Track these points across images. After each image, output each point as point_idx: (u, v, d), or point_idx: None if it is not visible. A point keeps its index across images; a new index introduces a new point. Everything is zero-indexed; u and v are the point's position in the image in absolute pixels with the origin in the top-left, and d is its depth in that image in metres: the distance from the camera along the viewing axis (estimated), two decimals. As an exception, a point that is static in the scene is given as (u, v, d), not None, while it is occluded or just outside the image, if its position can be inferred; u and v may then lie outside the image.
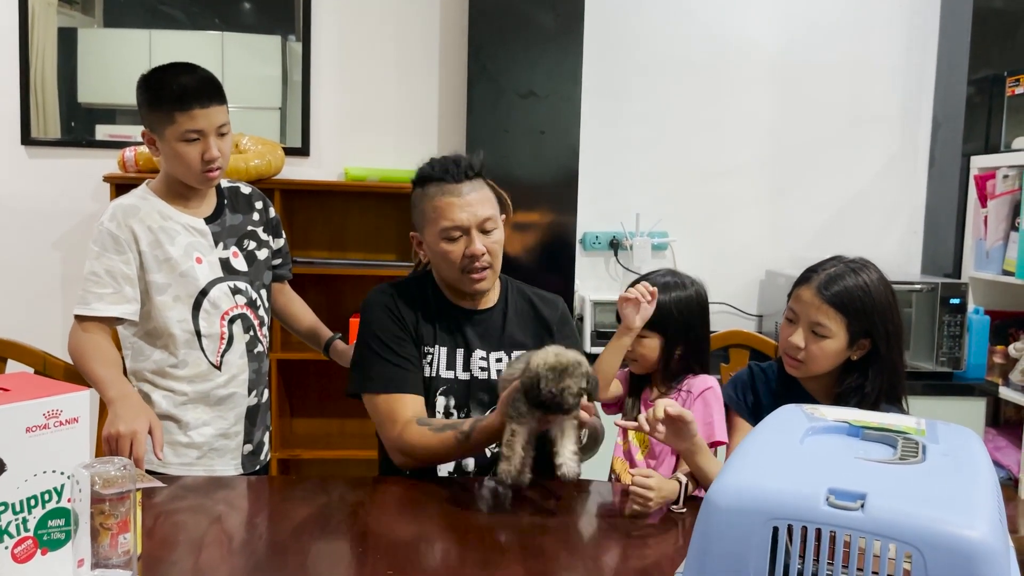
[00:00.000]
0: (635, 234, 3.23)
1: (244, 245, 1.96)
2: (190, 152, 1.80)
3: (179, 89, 1.78)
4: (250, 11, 3.15)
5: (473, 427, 1.64)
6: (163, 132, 1.80)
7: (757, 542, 0.87)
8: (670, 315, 1.76)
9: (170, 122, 1.78)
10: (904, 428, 1.05)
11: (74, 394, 1.17)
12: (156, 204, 1.86)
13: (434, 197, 1.75)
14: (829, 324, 1.60)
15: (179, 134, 1.79)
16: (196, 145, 1.80)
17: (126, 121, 3.13)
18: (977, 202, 3.10)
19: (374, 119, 3.21)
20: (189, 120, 1.78)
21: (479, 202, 1.74)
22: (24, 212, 3.11)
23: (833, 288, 1.62)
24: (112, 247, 1.80)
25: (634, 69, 3.26)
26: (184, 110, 1.78)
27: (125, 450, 1.56)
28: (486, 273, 1.77)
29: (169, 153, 1.82)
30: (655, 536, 1.47)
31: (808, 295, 1.64)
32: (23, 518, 1.13)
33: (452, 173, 1.74)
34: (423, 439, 1.67)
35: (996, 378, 3.03)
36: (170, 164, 1.84)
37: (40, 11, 3.05)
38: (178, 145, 1.80)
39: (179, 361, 1.85)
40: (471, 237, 1.73)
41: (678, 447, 1.58)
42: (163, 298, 1.83)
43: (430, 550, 1.40)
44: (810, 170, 3.36)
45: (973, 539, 0.80)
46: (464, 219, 1.73)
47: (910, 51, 3.35)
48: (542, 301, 1.91)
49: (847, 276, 1.63)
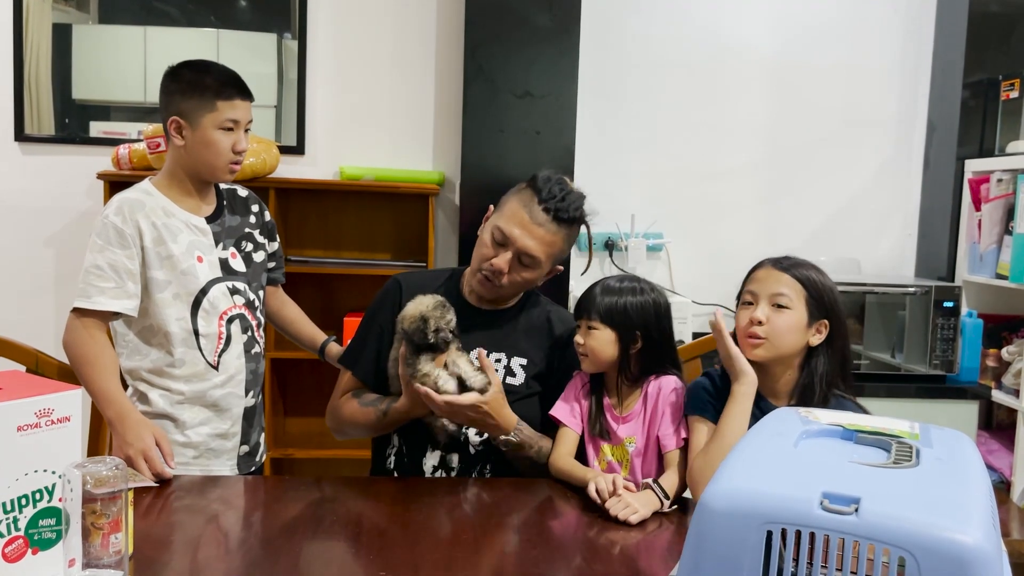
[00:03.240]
0: (630, 235, 3.24)
1: (242, 247, 1.95)
2: (224, 141, 1.82)
3: (224, 78, 1.83)
4: (246, 8, 3.14)
5: (388, 407, 1.79)
6: (199, 119, 1.80)
7: (751, 546, 0.87)
8: (624, 312, 1.70)
9: (211, 109, 1.80)
10: (898, 432, 1.05)
11: (66, 393, 1.17)
12: (160, 200, 1.85)
13: (520, 201, 1.77)
14: (789, 293, 1.61)
15: (219, 122, 1.81)
16: (230, 135, 1.82)
17: (120, 118, 3.12)
18: (971, 205, 3.11)
19: (370, 118, 3.20)
20: (231, 108, 1.81)
21: (539, 239, 1.75)
22: (18, 209, 3.10)
23: (787, 263, 1.66)
24: (116, 241, 1.78)
25: (630, 70, 3.27)
26: (227, 99, 1.81)
27: (144, 469, 1.62)
28: (491, 286, 1.80)
29: (201, 141, 1.82)
30: (647, 539, 1.47)
31: (765, 272, 1.66)
32: (14, 517, 1.13)
33: (549, 203, 1.75)
34: (350, 409, 1.84)
35: (989, 381, 3.04)
36: (196, 153, 1.83)
37: (35, 7, 3.04)
38: (214, 133, 1.81)
39: (176, 360, 1.83)
40: (506, 252, 1.76)
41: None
42: (163, 295, 1.82)
43: (423, 550, 1.39)
44: (805, 172, 3.37)
45: (966, 543, 0.80)
46: (515, 235, 1.75)
47: (905, 54, 3.36)
48: (558, 318, 1.92)
49: (797, 259, 1.69)
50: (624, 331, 1.70)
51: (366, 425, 1.83)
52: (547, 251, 1.77)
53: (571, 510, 1.59)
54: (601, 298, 1.71)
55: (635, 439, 1.69)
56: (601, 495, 1.56)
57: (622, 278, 1.76)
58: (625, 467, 1.70)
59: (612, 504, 1.52)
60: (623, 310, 1.70)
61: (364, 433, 1.87)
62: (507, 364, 1.83)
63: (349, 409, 1.85)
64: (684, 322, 3.05)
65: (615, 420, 1.72)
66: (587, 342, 1.71)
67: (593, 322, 1.70)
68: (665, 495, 1.57)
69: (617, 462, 1.71)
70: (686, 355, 1.95)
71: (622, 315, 1.70)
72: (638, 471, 1.69)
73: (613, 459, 1.72)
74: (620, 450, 1.70)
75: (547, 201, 1.75)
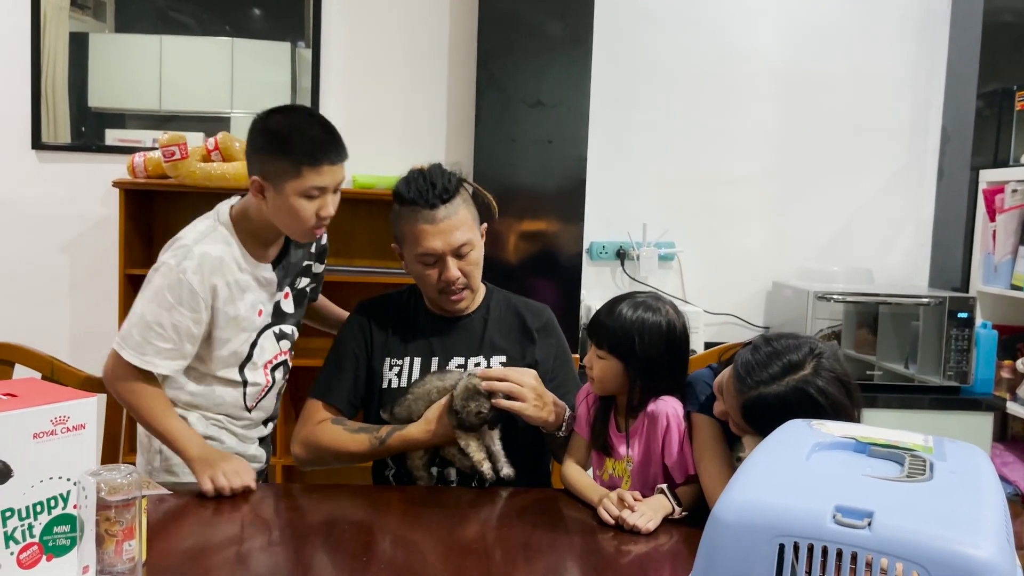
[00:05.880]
0: (642, 244, 3.23)
1: (296, 284, 1.91)
2: (307, 208, 1.67)
3: (312, 143, 1.66)
4: (260, 18, 3.17)
5: (391, 434, 1.74)
6: (282, 185, 1.65)
7: (763, 559, 0.87)
8: (631, 343, 1.62)
9: (295, 176, 1.65)
10: (912, 445, 1.04)
11: (81, 400, 1.18)
12: (235, 252, 1.73)
13: (409, 220, 1.75)
14: None
15: (302, 190, 1.66)
16: (315, 201, 1.68)
17: (136, 126, 3.14)
18: (986, 216, 3.09)
19: (383, 127, 3.21)
20: (316, 176, 1.66)
21: (454, 228, 1.74)
22: (33, 216, 3.13)
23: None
24: (188, 303, 1.66)
25: (641, 79, 3.27)
26: (314, 165, 1.65)
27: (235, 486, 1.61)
28: (464, 294, 1.81)
29: (282, 206, 1.68)
30: (658, 551, 1.47)
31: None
32: (29, 524, 1.13)
33: (427, 197, 1.73)
34: (334, 435, 1.77)
35: (1004, 393, 3.01)
36: (276, 216, 1.70)
37: (52, 16, 3.07)
38: (296, 200, 1.66)
39: (215, 403, 1.81)
40: (446, 263, 1.75)
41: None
42: (220, 352, 1.77)
43: (433, 559, 1.40)
44: (817, 181, 3.36)
45: (980, 558, 0.80)
46: (438, 247, 1.74)
47: (919, 63, 3.35)
48: (527, 309, 1.92)
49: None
50: (631, 364, 1.64)
51: (357, 452, 1.77)
52: (470, 228, 1.77)
53: (581, 520, 1.59)
54: (612, 328, 1.65)
55: (633, 459, 1.67)
56: (611, 514, 1.54)
57: (639, 299, 1.68)
58: (626, 482, 1.68)
59: (626, 516, 1.52)
60: (631, 344, 1.62)
61: (348, 461, 1.80)
62: (487, 366, 1.83)
63: (331, 436, 1.78)
64: (696, 331, 3.04)
65: (617, 437, 1.71)
66: (595, 367, 1.67)
67: (601, 351, 1.66)
68: (678, 501, 1.56)
69: (619, 476, 1.70)
70: (698, 365, 1.94)
71: (630, 348, 1.63)
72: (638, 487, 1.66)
73: (615, 473, 1.70)
74: (623, 465, 1.69)
75: (426, 198, 1.73)
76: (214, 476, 1.59)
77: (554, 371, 1.86)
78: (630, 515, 1.51)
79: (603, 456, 1.72)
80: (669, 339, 1.65)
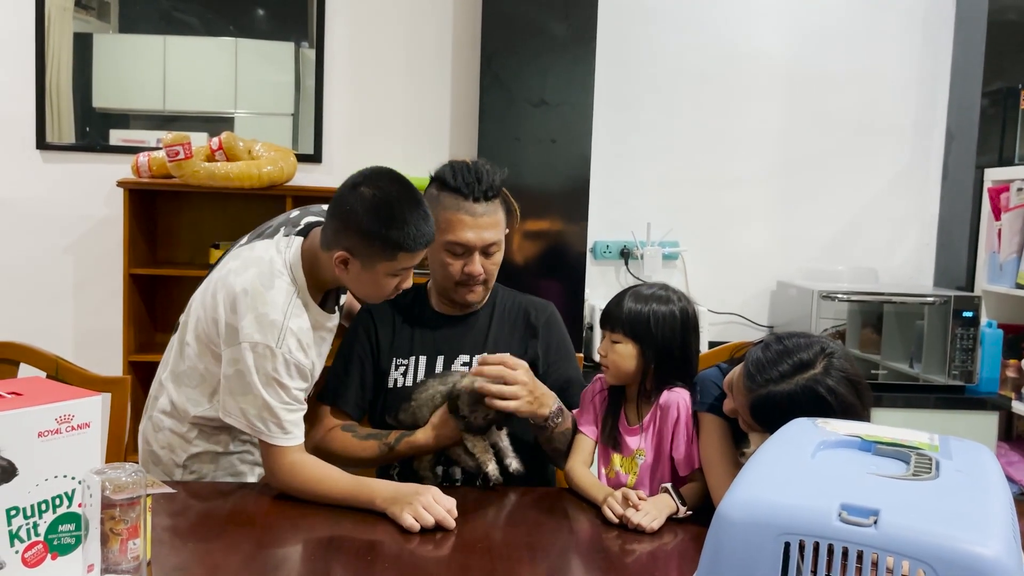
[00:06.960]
0: (646, 243, 3.23)
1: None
2: (391, 284, 1.66)
3: (416, 231, 1.59)
4: (264, 18, 3.17)
5: (399, 440, 1.76)
6: (373, 263, 1.61)
7: (768, 557, 0.86)
8: (646, 324, 1.66)
9: (390, 258, 1.60)
10: (917, 444, 1.04)
11: (86, 399, 1.18)
12: (314, 315, 1.71)
13: (448, 208, 1.76)
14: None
15: (393, 270, 1.63)
16: (399, 277, 1.66)
17: (140, 126, 3.15)
18: (991, 215, 3.08)
19: (386, 126, 3.22)
20: (410, 259, 1.63)
21: (489, 226, 1.77)
22: (38, 216, 3.13)
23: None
24: (299, 375, 1.64)
25: (645, 79, 3.27)
26: (411, 251, 1.61)
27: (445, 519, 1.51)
28: (479, 289, 1.83)
29: (368, 280, 1.65)
30: (664, 549, 1.47)
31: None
32: (34, 522, 1.14)
33: (472, 190, 1.75)
34: (344, 443, 1.79)
35: (1009, 392, 3.01)
36: (355, 284, 1.67)
37: (56, 16, 3.07)
38: (385, 278, 1.64)
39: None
40: (473, 257, 1.78)
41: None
42: None
43: (438, 559, 1.40)
44: (822, 180, 3.35)
45: (986, 556, 0.80)
46: (472, 240, 1.76)
47: (923, 62, 3.34)
48: (531, 306, 1.94)
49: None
50: (646, 346, 1.67)
51: (366, 458, 1.79)
52: (501, 229, 1.81)
53: (586, 519, 1.59)
54: (626, 311, 1.68)
55: (644, 452, 1.68)
56: (615, 512, 1.54)
57: (650, 288, 1.72)
58: (632, 477, 1.69)
59: (631, 515, 1.52)
60: (646, 325, 1.66)
61: (357, 465, 1.79)
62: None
63: (342, 444, 1.79)
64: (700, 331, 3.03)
65: (627, 431, 1.71)
66: (609, 355, 1.69)
67: (616, 335, 1.68)
68: (682, 500, 1.56)
69: (625, 473, 1.70)
70: (703, 364, 1.94)
71: (645, 330, 1.66)
72: (646, 483, 1.68)
73: (621, 470, 1.71)
74: (630, 461, 1.70)
75: (472, 191, 1.74)
76: (416, 514, 1.50)
77: (555, 361, 1.87)
78: (634, 514, 1.51)
79: (609, 453, 1.73)
80: (683, 322, 1.69)
